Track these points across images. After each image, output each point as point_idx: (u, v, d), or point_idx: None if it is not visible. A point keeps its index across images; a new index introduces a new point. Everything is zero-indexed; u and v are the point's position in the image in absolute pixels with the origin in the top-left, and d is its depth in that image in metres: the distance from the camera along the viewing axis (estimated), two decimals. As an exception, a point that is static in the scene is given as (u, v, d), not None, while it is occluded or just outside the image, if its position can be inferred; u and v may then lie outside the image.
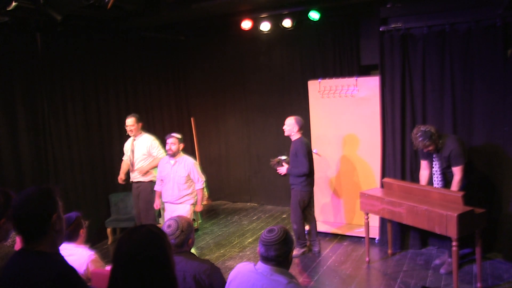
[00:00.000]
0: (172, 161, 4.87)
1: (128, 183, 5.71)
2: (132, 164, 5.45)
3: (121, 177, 5.62)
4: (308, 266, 4.96)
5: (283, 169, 5.14)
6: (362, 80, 5.71)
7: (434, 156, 4.47)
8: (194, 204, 4.97)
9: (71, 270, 1.74)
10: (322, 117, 6.02)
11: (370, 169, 5.72)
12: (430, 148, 4.33)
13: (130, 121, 5.39)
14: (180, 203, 4.87)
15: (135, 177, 5.49)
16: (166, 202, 4.99)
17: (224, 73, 7.64)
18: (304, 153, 4.98)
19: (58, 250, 1.82)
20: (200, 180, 4.89)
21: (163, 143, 5.09)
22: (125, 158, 5.65)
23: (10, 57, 5.16)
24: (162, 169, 4.97)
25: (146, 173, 5.42)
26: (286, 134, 5.14)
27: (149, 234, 1.65)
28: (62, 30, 5.26)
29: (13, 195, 2.24)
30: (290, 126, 5.06)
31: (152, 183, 5.37)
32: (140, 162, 5.42)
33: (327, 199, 6.19)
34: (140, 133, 5.46)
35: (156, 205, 5.16)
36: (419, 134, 4.27)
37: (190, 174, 4.85)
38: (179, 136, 4.93)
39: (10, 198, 2.20)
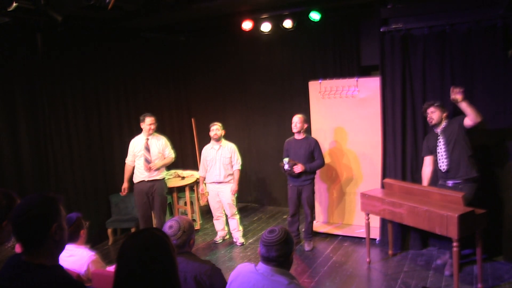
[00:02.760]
0: (216, 146, 5.66)
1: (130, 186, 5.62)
2: (150, 162, 5.38)
3: (126, 186, 5.46)
4: (309, 266, 4.96)
5: (298, 167, 5.21)
6: (362, 80, 5.71)
7: (438, 136, 4.49)
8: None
9: (70, 283, 1.71)
10: (323, 118, 6.02)
11: (371, 169, 5.72)
12: (435, 115, 4.46)
13: (153, 119, 5.39)
14: (226, 182, 5.63)
15: (150, 175, 5.41)
16: (212, 183, 5.66)
17: (224, 73, 7.64)
18: (320, 149, 5.40)
19: (57, 262, 1.76)
20: (238, 161, 5.71)
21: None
22: (129, 160, 5.48)
23: (11, 57, 5.17)
24: (207, 154, 5.71)
25: (157, 169, 5.44)
26: (298, 130, 5.31)
27: (153, 238, 1.65)
28: (62, 31, 5.26)
29: (16, 196, 2.23)
30: (302, 123, 5.32)
31: (164, 180, 5.64)
32: (156, 161, 5.44)
33: (328, 200, 6.18)
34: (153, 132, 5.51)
35: (202, 189, 5.89)
36: (432, 100, 4.57)
37: (232, 156, 5.63)
38: (220, 124, 5.73)
39: (13, 200, 2.19)
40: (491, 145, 4.74)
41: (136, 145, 5.44)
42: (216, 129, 5.64)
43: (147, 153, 5.39)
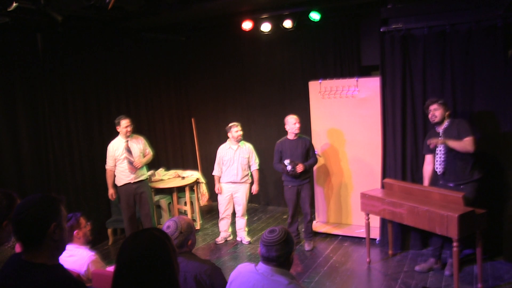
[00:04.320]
0: (234, 146, 5.63)
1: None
2: (133, 163, 5.43)
3: (112, 191, 5.50)
4: (309, 266, 4.96)
5: (301, 167, 5.27)
6: (362, 80, 5.71)
7: (439, 137, 4.46)
8: (251, 183, 5.74)
9: (71, 282, 1.71)
10: (323, 117, 6.02)
11: (371, 169, 5.72)
12: (438, 112, 4.40)
13: (128, 121, 5.43)
14: (243, 182, 5.65)
15: (135, 177, 5.47)
16: (227, 183, 5.65)
17: (224, 73, 7.64)
18: (313, 147, 5.52)
19: (58, 261, 1.76)
20: (257, 161, 5.73)
21: (162, 142, 5.11)
22: (110, 165, 5.47)
23: (11, 57, 5.17)
24: (224, 154, 5.66)
25: (141, 168, 5.50)
26: (299, 130, 5.39)
27: (153, 238, 1.65)
28: (62, 31, 5.27)
29: (16, 196, 2.24)
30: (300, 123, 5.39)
31: (147, 180, 5.70)
32: (136, 159, 5.48)
33: (328, 200, 6.18)
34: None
35: (217, 188, 5.76)
36: (435, 98, 4.52)
37: (250, 156, 5.65)
38: (239, 124, 5.69)
39: (13, 200, 2.19)
40: (491, 145, 4.73)
41: (116, 148, 5.46)
42: (239, 129, 5.61)
43: (129, 155, 5.43)
